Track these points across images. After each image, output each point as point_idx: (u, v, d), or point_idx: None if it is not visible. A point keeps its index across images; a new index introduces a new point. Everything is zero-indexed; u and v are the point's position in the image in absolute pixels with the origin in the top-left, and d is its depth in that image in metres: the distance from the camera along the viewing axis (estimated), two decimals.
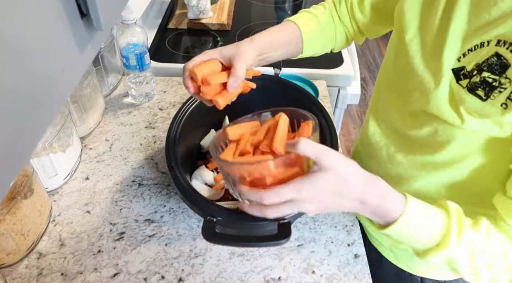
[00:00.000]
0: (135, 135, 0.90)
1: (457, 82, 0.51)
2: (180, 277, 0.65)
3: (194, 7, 1.24)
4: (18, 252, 0.65)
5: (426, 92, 0.54)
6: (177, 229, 0.72)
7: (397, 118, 0.63)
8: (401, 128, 0.63)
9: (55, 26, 0.29)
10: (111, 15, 0.35)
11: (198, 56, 0.60)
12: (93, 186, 0.79)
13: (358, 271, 0.67)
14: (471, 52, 0.50)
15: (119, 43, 0.89)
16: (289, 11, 1.46)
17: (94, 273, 0.65)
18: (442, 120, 0.53)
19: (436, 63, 0.53)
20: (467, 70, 0.50)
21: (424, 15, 0.56)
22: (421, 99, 0.55)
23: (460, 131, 0.53)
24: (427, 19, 0.56)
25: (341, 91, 1.14)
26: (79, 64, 0.33)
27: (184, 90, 1.02)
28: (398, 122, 0.63)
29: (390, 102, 0.66)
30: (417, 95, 0.56)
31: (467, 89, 0.50)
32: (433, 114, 0.54)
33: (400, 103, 0.62)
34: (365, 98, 2.53)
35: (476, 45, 0.49)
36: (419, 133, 0.59)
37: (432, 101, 0.53)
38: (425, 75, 0.55)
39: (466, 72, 0.50)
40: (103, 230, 0.71)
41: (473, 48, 0.49)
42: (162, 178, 0.81)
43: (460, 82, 0.50)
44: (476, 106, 0.49)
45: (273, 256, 0.68)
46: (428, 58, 0.55)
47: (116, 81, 1.03)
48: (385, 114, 0.67)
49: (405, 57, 0.58)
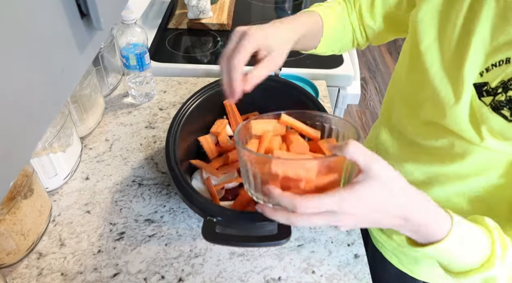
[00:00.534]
0: (135, 135, 0.90)
1: (479, 99, 0.47)
2: (180, 277, 0.65)
3: (194, 7, 1.24)
4: (18, 252, 0.65)
5: (442, 105, 0.51)
6: (177, 229, 0.72)
7: (411, 128, 0.61)
8: (414, 138, 0.60)
9: (55, 26, 0.29)
10: (111, 15, 0.35)
11: (242, 50, 0.50)
12: (93, 186, 0.79)
13: (358, 271, 0.67)
14: (496, 67, 0.46)
15: (119, 43, 0.89)
16: (289, 11, 1.46)
17: (94, 273, 0.65)
18: (459, 136, 0.51)
19: (455, 75, 0.50)
20: (491, 87, 0.46)
21: (442, 24, 0.53)
22: (435, 111, 0.53)
23: (478, 148, 0.50)
24: (445, 28, 0.53)
25: (341, 91, 1.14)
26: (79, 64, 0.33)
27: (184, 90, 1.02)
28: (411, 132, 0.61)
29: (403, 111, 0.63)
30: (431, 107, 0.54)
31: (490, 108, 0.46)
32: (448, 128, 0.52)
33: (413, 113, 0.60)
34: (365, 98, 2.54)
35: (501, 61, 0.46)
36: (434, 145, 0.56)
37: (450, 116, 0.50)
38: (442, 87, 0.52)
39: (490, 88, 0.47)
40: (103, 230, 0.71)
41: (498, 63, 0.46)
42: (162, 178, 0.81)
43: (482, 99, 0.47)
44: (500, 127, 0.46)
45: (273, 256, 0.68)
46: (447, 70, 0.52)
47: (116, 81, 1.03)
48: (398, 123, 0.65)
49: (420, 67, 0.55)
